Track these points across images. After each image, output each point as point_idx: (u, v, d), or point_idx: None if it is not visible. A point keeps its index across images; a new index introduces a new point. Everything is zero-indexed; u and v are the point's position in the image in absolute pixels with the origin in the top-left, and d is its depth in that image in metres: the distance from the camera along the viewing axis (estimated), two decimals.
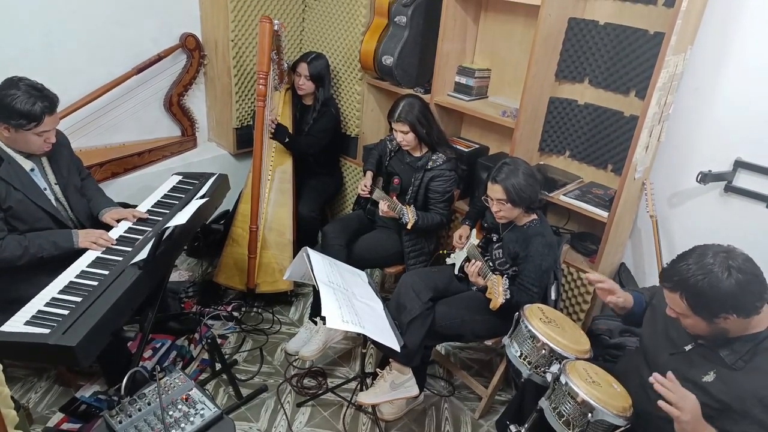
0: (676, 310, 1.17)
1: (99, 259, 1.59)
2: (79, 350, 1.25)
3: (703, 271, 1.09)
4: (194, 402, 1.33)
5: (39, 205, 1.60)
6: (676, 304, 1.15)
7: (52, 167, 1.69)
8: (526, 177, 1.63)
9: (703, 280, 1.08)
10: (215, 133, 2.86)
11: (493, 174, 1.66)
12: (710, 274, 1.08)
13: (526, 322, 1.40)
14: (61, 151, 1.72)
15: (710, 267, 1.09)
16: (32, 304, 1.38)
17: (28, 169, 1.61)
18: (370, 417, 1.88)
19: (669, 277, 1.15)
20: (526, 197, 1.63)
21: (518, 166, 1.65)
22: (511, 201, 1.63)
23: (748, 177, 1.79)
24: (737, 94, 1.75)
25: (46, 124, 1.53)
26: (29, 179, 1.60)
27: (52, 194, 1.68)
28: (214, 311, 2.30)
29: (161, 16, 2.43)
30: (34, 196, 1.59)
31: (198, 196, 1.91)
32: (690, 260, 1.12)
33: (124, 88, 2.41)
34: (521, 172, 1.63)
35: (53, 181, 1.69)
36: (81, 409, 1.80)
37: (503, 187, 1.62)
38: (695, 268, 1.10)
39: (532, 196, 1.64)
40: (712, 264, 1.09)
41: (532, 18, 2.03)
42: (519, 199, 1.62)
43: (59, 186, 1.70)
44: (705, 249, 1.13)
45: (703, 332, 1.15)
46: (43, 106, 1.51)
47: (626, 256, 2.15)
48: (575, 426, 1.19)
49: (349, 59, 2.53)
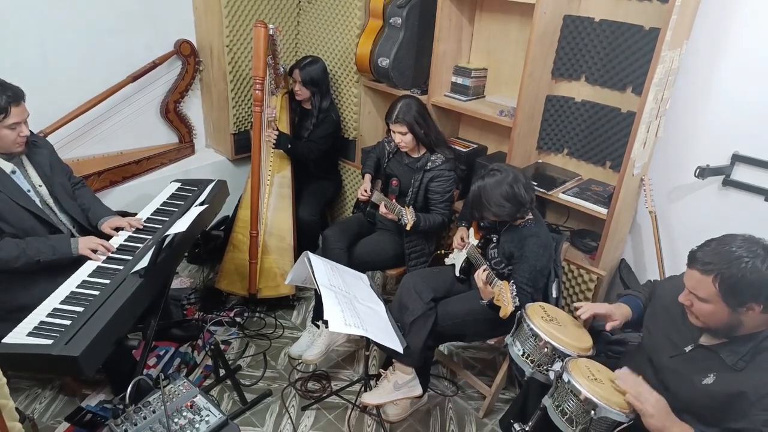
0: (698, 296, 1.13)
1: (100, 268, 1.59)
2: (82, 360, 1.25)
3: (749, 255, 1.06)
4: (199, 408, 1.33)
5: (22, 206, 1.59)
6: (703, 289, 1.11)
7: (35, 168, 1.68)
8: (500, 193, 1.61)
9: (746, 265, 1.05)
10: (213, 139, 2.86)
11: (476, 176, 1.69)
12: (755, 260, 1.06)
13: (528, 320, 1.40)
14: (41, 152, 1.72)
15: (755, 253, 1.06)
16: (34, 315, 1.38)
17: (8, 171, 1.60)
18: (374, 418, 1.88)
19: (704, 261, 1.11)
20: (512, 204, 1.63)
21: (505, 176, 1.63)
22: (495, 215, 1.65)
23: (746, 170, 1.79)
24: (733, 88, 1.75)
25: (14, 115, 1.54)
26: (10, 180, 1.60)
27: (37, 196, 1.67)
28: (217, 317, 2.30)
29: (155, 22, 2.43)
30: (16, 197, 1.58)
31: (197, 202, 1.92)
32: (733, 245, 1.09)
33: (120, 96, 2.41)
34: (503, 186, 1.61)
35: (37, 183, 1.68)
36: (86, 418, 1.79)
37: (472, 191, 1.66)
38: (740, 252, 1.07)
39: (512, 209, 1.63)
40: (754, 251, 1.07)
41: (527, 16, 2.03)
42: (506, 212, 1.64)
43: (45, 187, 1.69)
44: (744, 237, 1.11)
45: (718, 323, 1.13)
46: (7, 97, 1.52)
47: (626, 252, 2.16)
48: (578, 423, 1.20)
49: (345, 62, 2.54)
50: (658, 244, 1.93)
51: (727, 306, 1.10)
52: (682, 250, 1.97)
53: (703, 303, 1.13)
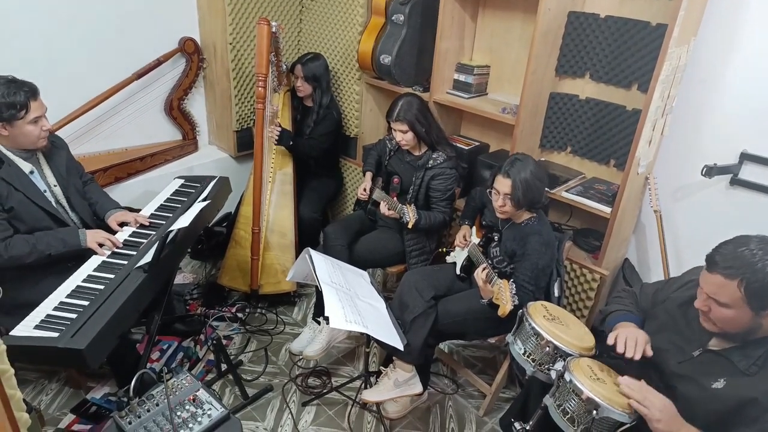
0: (719, 301, 1.08)
1: (105, 263, 1.61)
2: (87, 353, 1.27)
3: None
4: (201, 402, 1.34)
5: (40, 205, 1.63)
6: (725, 294, 1.07)
7: (51, 169, 1.72)
8: (535, 176, 1.62)
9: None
10: (216, 137, 2.87)
11: (505, 167, 1.64)
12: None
13: (529, 319, 1.40)
14: (59, 153, 1.76)
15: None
16: (41, 309, 1.41)
17: (27, 172, 1.64)
18: (374, 415, 1.89)
19: (726, 265, 1.06)
20: (530, 197, 1.62)
21: (528, 163, 1.64)
22: (515, 197, 1.62)
23: (755, 169, 1.76)
24: (742, 86, 1.73)
25: (34, 109, 1.57)
26: (29, 181, 1.63)
27: (52, 196, 1.71)
28: (219, 313, 2.32)
29: (160, 20, 2.44)
30: (34, 197, 1.62)
31: (200, 199, 1.93)
32: (752, 247, 1.05)
33: (124, 93, 2.42)
34: (530, 170, 1.62)
35: (53, 183, 1.72)
36: (91, 410, 1.82)
37: (513, 181, 1.61)
38: (761, 254, 1.03)
39: (536, 196, 1.64)
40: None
41: (531, 13, 2.02)
42: (523, 197, 1.62)
43: (60, 188, 1.73)
44: (758, 238, 1.07)
45: (737, 327, 1.10)
46: (25, 93, 1.55)
47: (630, 251, 2.14)
48: (580, 423, 1.19)
49: (347, 59, 2.53)
50: (662, 243, 1.91)
51: (751, 309, 1.06)
52: (687, 250, 1.97)
53: (724, 308, 1.09)
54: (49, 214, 1.66)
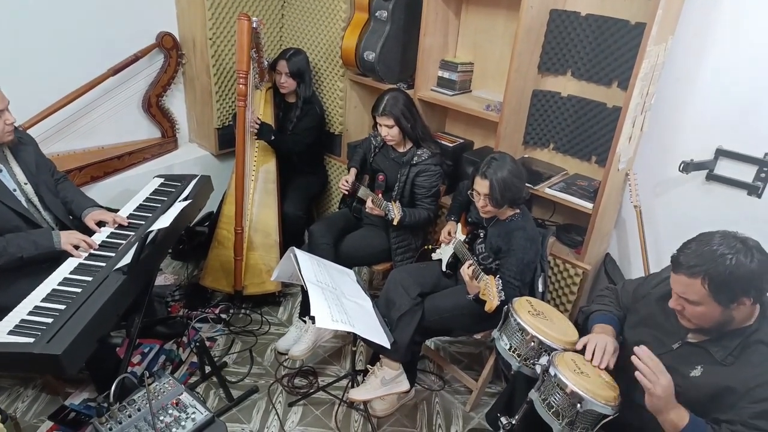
0: (688, 299, 1.11)
1: (82, 265, 1.56)
2: (64, 358, 1.23)
3: (731, 251, 1.06)
4: (185, 406, 1.32)
5: (9, 206, 1.57)
6: (692, 292, 1.10)
7: (20, 166, 1.66)
8: (512, 174, 1.63)
9: (731, 262, 1.05)
10: (196, 134, 2.81)
11: (482, 168, 1.66)
12: (738, 254, 1.06)
13: (514, 315, 1.41)
14: (27, 149, 1.70)
15: (736, 248, 1.06)
16: (15, 313, 1.35)
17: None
18: (362, 414, 1.89)
19: (688, 264, 1.10)
20: (509, 195, 1.64)
21: (505, 162, 1.65)
22: (494, 197, 1.64)
23: (729, 165, 1.81)
24: (717, 83, 1.77)
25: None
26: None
27: (22, 195, 1.65)
28: (202, 314, 2.28)
29: (136, 14, 2.37)
30: (2, 197, 1.57)
31: (181, 198, 1.89)
32: (713, 244, 1.08)
33: (100, 89, 2.35)
34: (507, 169, 1.63)
35: (23, 181, 1.66)
36: (70, 416, 1.77)
37: (490, 182, 1.63)
38: (722, 249, 1.07)
39: (516, 193, 1.65)
40: (734, 246, 1.07)
41: (513, 10, 2.03)
42: (502, 196, 1.63)
43: (30, 185, 1.67)
44: (720, 233, 1.11)
45: (710, 322, 1.13)
46: None
47: (611, 246, 2.18)
48: (565, 416, 1.21)
49: (330, 56, 2.51)
50: (642, 238, 1.95)
51: (719, 304, 1.10)
52: (667, 244, 2.02)
53: (695, 306, 1.12)
54: (19, 215, 1.59)
